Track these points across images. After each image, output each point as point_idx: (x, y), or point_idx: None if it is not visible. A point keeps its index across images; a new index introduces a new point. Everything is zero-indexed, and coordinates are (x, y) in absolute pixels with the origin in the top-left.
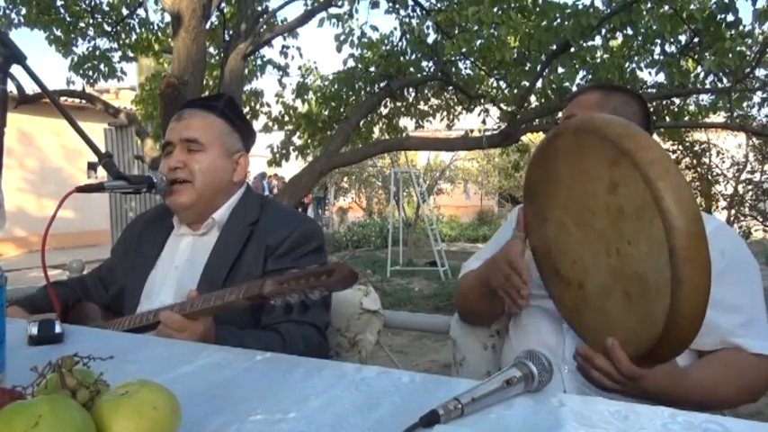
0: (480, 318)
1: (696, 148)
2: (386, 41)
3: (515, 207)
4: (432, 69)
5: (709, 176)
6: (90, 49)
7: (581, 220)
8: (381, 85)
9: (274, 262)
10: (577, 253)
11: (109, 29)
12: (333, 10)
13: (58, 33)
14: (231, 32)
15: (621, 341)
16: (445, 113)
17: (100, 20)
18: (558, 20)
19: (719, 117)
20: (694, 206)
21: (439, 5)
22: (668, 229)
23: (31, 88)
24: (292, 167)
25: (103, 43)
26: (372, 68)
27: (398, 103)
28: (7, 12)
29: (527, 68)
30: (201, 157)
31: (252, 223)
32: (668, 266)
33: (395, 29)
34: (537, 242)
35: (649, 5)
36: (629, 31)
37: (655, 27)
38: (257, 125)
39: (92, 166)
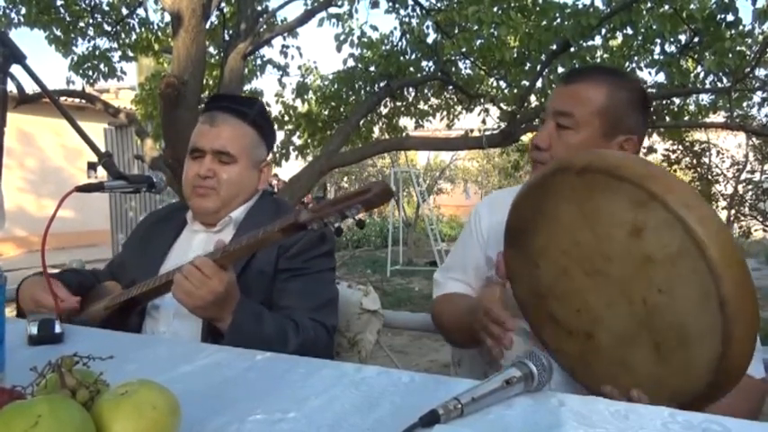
0: (463, 346)
1: (696, 147)
2: (386, 41)
3: (477, 204)
4: (432, 69)
5: (709, 176)
6: (90, 48)
7: (591, 267)
8: (381, 84)
9: (286, 262)
10: (583, 301)
11: (109, 29)
12: (333, 9)
13: (58, 33)
14: (231, 32)
15: (648, 392)
16: (445, 113)
17: (100, 20)
18: (558, 19)
19: (719, 117)
20: (738, 252)
21: (439, 5)
22: (717, 280)
23: (30, 88)
24: (292, 167)
25: (103, 43)
26: (372, 68)
27: (398, 103)
28: (7, 11)
29: (527, 68)
30: (231, 168)
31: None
32: (715, 317)
33: (395, 28)
34: (526, 289)
35: (649, 5)
36: (629, 31)
37: (654, 27)
38: None
39: (92, 166)
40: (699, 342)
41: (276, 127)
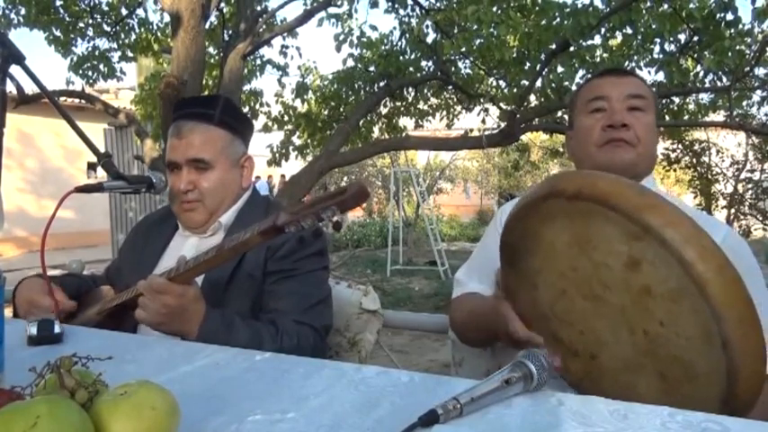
0: (479, 345)
1: (696, 146)
2: (385, 41)
3: (502, 206)
4: (431, 69)
5: (709, 175)
6: (89, 49)
7: (590, 292)
8: (381, 84)
9: (275, 264)
10: (586, 323)
11: (108, 29)
12: (332, 9)
13: (58, 33)
14: (230, 32)
15: None
16: (445, 113)
17: (99, 20)
18: (558, 19)
19: (719, 116)
20: (742, 289)
21: (438, 5)
22: (718, 320)
23: (30, 88)
24: (292, 167)
25: (103, 43)
26: (372, 68)
27: (398, 103)
28: (7, 12)
29: (526, 68)
30: (210, 175)
31: None
32: (719, 356)
33: (394, 28)
34: (527, 306)
35: (649, 4)
36: (629, 30)
37: (654, 26)
38: (257, 125)
39: (92, 167)
40: (705, 378)
41: (276, 127)
